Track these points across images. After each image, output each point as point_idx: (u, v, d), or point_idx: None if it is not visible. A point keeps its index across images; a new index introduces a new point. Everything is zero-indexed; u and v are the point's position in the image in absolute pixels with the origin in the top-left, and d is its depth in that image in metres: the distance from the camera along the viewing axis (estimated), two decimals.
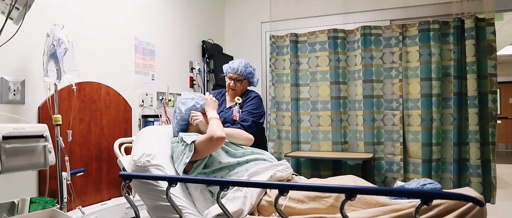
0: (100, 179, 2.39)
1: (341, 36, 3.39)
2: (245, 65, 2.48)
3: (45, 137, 1.61)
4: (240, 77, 2.46)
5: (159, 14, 3.09)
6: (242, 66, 2.46)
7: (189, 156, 1.76)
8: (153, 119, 2.87)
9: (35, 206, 1.68)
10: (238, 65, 2.45)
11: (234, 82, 2.46)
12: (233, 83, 2.46)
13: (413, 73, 3.17)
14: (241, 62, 2.48)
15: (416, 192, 1.25)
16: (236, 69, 2.44)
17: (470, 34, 2.95)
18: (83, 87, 2.28)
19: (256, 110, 2.41)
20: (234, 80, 2.46)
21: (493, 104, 2.97)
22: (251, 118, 2.35)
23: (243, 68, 2.46)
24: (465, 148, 3.03)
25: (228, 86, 2.50)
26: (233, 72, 2.45)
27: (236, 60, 2.50)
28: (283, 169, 1.82)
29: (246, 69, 2.47)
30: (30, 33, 1.97)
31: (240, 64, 2.46)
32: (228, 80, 2.49)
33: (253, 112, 2.39)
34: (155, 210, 1.71)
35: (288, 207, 1.55)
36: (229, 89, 2.51)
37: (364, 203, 1.50)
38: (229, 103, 2.53)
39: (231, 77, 2.46)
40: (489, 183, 2.96)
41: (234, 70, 2.44)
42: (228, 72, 2.47)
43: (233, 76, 2.46)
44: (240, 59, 2.51)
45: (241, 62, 2.47)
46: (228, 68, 2.47)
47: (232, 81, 2.46)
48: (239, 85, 2.48)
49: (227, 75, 2.48)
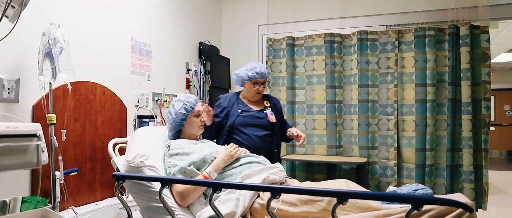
0: (93, 179, 2.38)
1: (338, 41, 3.41)
2: (265, 67, 2.61)
3: (38, 136, 1.60)
4: (265, 79, 2.56)
5: (156, 15, 3.09)
6: (264, 69, 2.55)
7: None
8: (148, 120, 2.86)
9: (27, 205, 1.67)
10: (263, 69, 2.53)
11: (262, 86, 2.54)
12: (261, 88, 2.54)
13: (408, 79, 3.19)
14: (262, 65, 2.56)
15: (407, 197, 1.26)
16: (263, 73, 2.52)
17: (465, 41, 2.98)
18: (78, 87, 2.27)
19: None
20: (262, 84, 2.54)
21: (487, 111, 3.00)
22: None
23: (266, 71, 2.57)
24: (458, 154, 3.05)
25: (254, 90, 2.53)
26: (260, 77, 2.51)
27: (255, 64, 2.56)
28: (277, 171, 1.82)
29: (266, 70, 2.58)
30: (26, 32, 1.96)
31: (263, 67, 2.55)
32: (254, 85, 2.52)
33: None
34: (148, 211, 1.71)
35: (280, 210, 1.56)
36: (254, 94, 2.55)
37: (356, 207, 1.50)
38: (255, 107, 2.58)
39: (258, 82, 2.52)
40: (481, 189, 2.98)
41: (261, 74, 2.51)
42: (254, 77, 2.51)
43: (261, 80, 2.53)
44: (257, 63, 2.58)
45: (262, 66, 2.55)
46: (255, 74, 2.50)
47: (260, 86, 2.53)
48: (264, 87, 2.58)
49: (253, 81, 2.51)
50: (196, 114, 2.04)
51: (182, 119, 2.00)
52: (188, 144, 1.94)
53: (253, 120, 2.50)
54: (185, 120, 2.01)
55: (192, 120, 2.02)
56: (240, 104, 2.56)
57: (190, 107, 2.01)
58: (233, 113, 2.50)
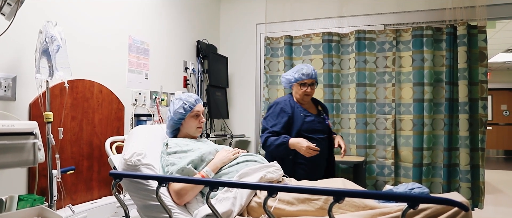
0: (91, 177, 2.38)
1: (336, 40, 3.42)
2: (313, 68, 2.49)
3: (34, 134, 1.60)
4: (314, 81, 2.48)
5: (154, 13, 3.09)
6: (312, 69, 2.46)
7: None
8: (146, 118, 2.86)
9: (23, 203, 1.67)
10: (310, 70, 2.45)
11: (310, 88, 2.46)
12: (309, 90, 2.46)
13: (406, 78, 3.20)
14: (309, 66, 2.48)
15: (403, 196, 1.27)
16: (309, 74, 2.44)
17: (462, 41, 2.99)
18: (76, 85, 2.27)
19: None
20: (310, 86, 2.46)
21: (484, 110, 3.02)
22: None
23: (314, 71, 2.47)
24: (455, 153, 3.06)
25: (302, 93, 2.46)
26: (307, 78, 2.44)
27: (302, 65, 2.49)
28: (274, 170, 1.82)
29: (315, 71, 2.49)
30: (23, 29, 1.95)
31: (310, 68, 2.46)
32: (302, 87, 2.45)
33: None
34: (145, 210, 1.71)
35: (277, 208, 1.56)
36: (303, 96, 2.48)
37: (352, 206, 1.51)
38: (313, 111, 2.53)
39: (306, 83, 2.45)
40: (477, 188, 2.99)
41: (308, 75, 2.44)
42: (301, 79, 2.44)
43: (308, 81, 2.45)
44: (305, 64, 2.51)
45: (309, 67, 2.47)
46: (301, 75, 2.44)
47: (308, 87, 2.45)
48: (313, 89, 2.49)
49: (300, 83, 2.46)
50: (195, 114, 2.01)
51: (180, 118, 1.99)
52: (186, 142, 1.93)
53: (316, 125, 2.46)
54: (183, 119, 2.00)
55: (190, 120, 2.00)
56: (299, 108, 2.49)
57: (189, 107, 1.99)
58: (297, 118, 2.44)
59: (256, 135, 3.94)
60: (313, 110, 2.57)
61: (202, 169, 1.78)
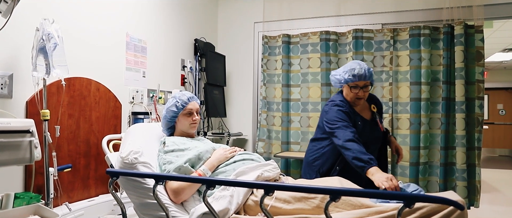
0: (88, 175, 2.38)
1: (333, 39, 3.42)
2: (368, 68, 2.17)
3: (31, 132, 1.60)
4: (367, 83, 2.17)
5: (151, 11, 3.08)
6: (367, 69, 2.15)
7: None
8: (143, 116, 2.86)
9: (20, 201, 1.66)
10: (363, 71, 2.13)
11: (362, 91, 2.16)
12: (361, 93, 2.15)
13: (403, 77, 3.21)
14: (362, 66, 2.16)
15: (399, 194, 1.27)
16: (362, 75, 2.13)
17: (460, 41, 3.00)
18: (73, 83, 2.26)
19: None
20: (362, 89, 2.15)
21: (480, 110, 3.03)
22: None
23: (369, 72, 2.15)
24: (451, 152, 3.07)
25: (353, 96, 2.17)
26: (360, 80, 2.13)
27: (354, 64, 2.18)
28: (271, 169, 1.82)
29: (370, 71, 2.17)
30: (20, 27, 1.95)
31: (363, 68, 2.14)
32: (353, 90, 2.16)
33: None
34: (141, 208, 1.71)
35: (274, 207, 1.56)
36: (354, 100, 2.19)
37: (349, 205, 1.51)
38: (366, 114, 2.25)
39: (358, 86, 2.15)
40: (473, 187, 3.01)
41: (360, 77, 2.13)
42: (352, 81, 2.15)
43: (360, 84, 2.14)
44: (357, 63, 2.18)
45: (362, 66, 2.16)
46: (350, 77, 2.14)
47: (360, 91, 2.15)
48: (366, 92, 2.18)
49: (350, 85, 2.16)
50: (188, 112, 2.01)
51: (172, 116, 2.00)
52: (183, 140, 1.93)
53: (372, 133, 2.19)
54: (176, 117, 2.00)
55: (183, 118, 2.00)
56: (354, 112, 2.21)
57: (181, 105, 1.99)
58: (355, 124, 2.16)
59: (254, 134, 3.95)
60: (367, 112, 2.26)
61: (199, 167, 1.78)
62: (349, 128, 2.07)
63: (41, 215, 1.66)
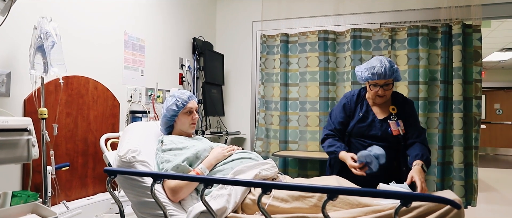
0: (85, 174, 2.38)
1: (332, 38, 3.42)
2: (390, 66, 2.04)
3: (28, 130, 1.60)
4: (389, 81, 2.06)
5: (150, 10, 3.08)
6: (387, 68, 2.02)
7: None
8: (141, 115, 2.85)
9: (17, 200, 1.66)
10: (383, 69, 2.02)
11: (382, 90, 2.06)
12: (381, 91, 2.06)
13: (401, 77, 3.21)
14: (383, 63, 2.04)
15: (396, 194, 1.28)
16: (381, 74, 2.01)
17: (457, 40, 3.00)
18: (71, 81, 2.26)
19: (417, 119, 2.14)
20: (382, 87, 2.06)
21: (477, 109, 3.03)
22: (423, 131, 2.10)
23: (390, 70, 2.02)
24: (449, 151, 3.08)
25: (373, 94, 2.10)
26: (380, 79, 2.03)
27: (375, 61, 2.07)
28: (268, 167, 1.83)
29: (392, 69, 2.04)
30: (17, 25, 1.94)
31: (383, 66, 2.02)
32: (372, 88, 2.09)
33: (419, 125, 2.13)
34: (139, 206, 1.71)
35: (271, 205, 1.57)
36: (375, 98, 2.12)
37: (346, 204, 1.52)
38: (380, 112, 2.16)
39: (377, 84, 2.06)
40: (471, 186, 3.01)
41: (379, 75, 2.02)
42: (371, 79, 2.06)
43: (380, 82, 2.05)
44: (378, 59, 2.07)
45: (383, 64, 2.04)
46: (369, 75, 2.05)
47: (379, 89, 2.06)
48: (388, 90, 2.08)
49: (369, 83, 2.10)
50: (188, 111, 2.01)
51: (172, 115, 2.00)
52: (181, 139, 1.93)
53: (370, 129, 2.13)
54: (176, 116, 2.00)
55: (183, 117, 2.01)
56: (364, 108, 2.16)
57: (182, 104, 1.99)
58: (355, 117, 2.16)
59: (252, 132, 3.95)
60: (384, 111, 2.16)
61: (197, 166, 1.79)
62: (330, 125, 2.25)
63: (38, 214, 1.66)
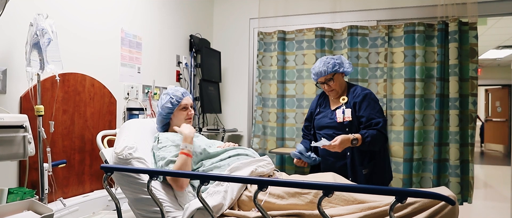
0: (82, 171, 2.38)
1: (328, 35, 3.42)
2: (325, 63, 2.36)
3: (24, 127, 1.60)
4: (328, 76, 2.36)
5: (147, 7, 3.07)
6: (322, 67, 2.35)
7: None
8: (138, 112, 2.85)
9: (13, 196, 1.66)
10: (318, 69, 2.36)
11: (327, 85, 2.38)
12: (327, 87, 2.38)
13: (398, 74, 3.22)
14: (320, 63, 2.37)
15: (391, 190, 1.29)
16: (319, 72, 2.35)
17: (454, 37, 3.01)
18: (67, 78, 2.25)
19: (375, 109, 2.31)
20: (325, 83, 2.37)
21: (473, 106, 3.05)
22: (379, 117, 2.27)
23: (324, 68, 2.34)
24: (445, 149, 3.09)
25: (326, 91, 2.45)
26: (318, 77, 2.37)
27: (317, 62, 2.42)
28: (265, 164, 1.84)
29: (328, 65, 2.35)
30: (13, 22, 1.94)
31: (320, 66, 2.36)
32: (320, 85, 2.44)
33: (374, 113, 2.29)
34: (136, 203, 1.72)
35: (267, 202, 1.58)
36: (328, 92, 2.44)
37: (342, 200, 1.53)
38: (334, 105, 2.45)
39: (320, 82, 2.39)
40: (467, 182, 3.03)
41: (319, 74, 2.36)
42: (314, 80, 2.42)
43: (321, 80, 2.38)
44: (319, 61, 2.41)
45: (320, 64, 2.37)
46: (313, 76, 2.41)
47: (325, 85, 2.38)
48: (332, 84, 2.37)
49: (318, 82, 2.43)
50: (183, 107, 2.02)
51: (168, 113, 2.00)
52: (177, 136, 1.94)
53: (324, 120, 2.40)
54: (171, 113, 2.01)
55: (179, 113, 2.02)
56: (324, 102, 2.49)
57: (176, 101, 2.00)
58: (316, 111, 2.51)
59: (249, 130, 3.96)
60: (335, 103, 2.45)
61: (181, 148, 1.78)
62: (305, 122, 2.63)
63: (35, 210, 1.66)
